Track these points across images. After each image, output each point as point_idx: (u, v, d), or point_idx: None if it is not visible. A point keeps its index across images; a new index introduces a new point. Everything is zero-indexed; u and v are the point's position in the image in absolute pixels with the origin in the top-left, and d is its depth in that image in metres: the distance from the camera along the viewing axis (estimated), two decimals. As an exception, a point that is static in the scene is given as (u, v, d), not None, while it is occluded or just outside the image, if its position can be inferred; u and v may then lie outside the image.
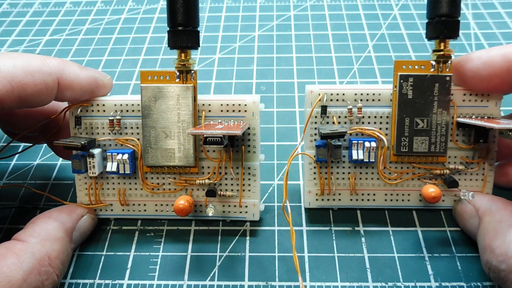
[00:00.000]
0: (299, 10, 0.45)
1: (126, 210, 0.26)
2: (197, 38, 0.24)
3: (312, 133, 0.25)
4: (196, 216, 0.26)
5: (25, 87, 0.19)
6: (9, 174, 0.30)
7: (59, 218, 0.23)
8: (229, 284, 0.23)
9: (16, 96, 0.19)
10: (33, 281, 0.20)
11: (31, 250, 0.21)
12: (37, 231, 0.22)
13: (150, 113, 0.24)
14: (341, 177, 0.26)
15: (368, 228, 0.25)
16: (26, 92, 0.19)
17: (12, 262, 0.19)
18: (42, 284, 0.20)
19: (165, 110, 0.24)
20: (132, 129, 0.25)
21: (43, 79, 0.20)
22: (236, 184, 0.25)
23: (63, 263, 0.22)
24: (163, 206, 0.26)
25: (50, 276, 0.21)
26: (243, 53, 0.40)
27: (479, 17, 0.42)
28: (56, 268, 0.21)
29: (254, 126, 0.24)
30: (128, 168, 0.24)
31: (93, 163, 0.24)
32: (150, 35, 0.42)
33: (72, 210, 0.24)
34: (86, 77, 0.23)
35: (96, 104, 0.24)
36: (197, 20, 0.24)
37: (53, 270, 0.21)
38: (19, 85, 0.19)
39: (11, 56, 0.20)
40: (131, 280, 0.24)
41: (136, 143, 0.25)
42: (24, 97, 0.19)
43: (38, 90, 0.20)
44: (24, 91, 0.19)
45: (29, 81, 0.20)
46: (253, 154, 0.25)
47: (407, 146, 0.24)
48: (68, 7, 0.47)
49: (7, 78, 0.19)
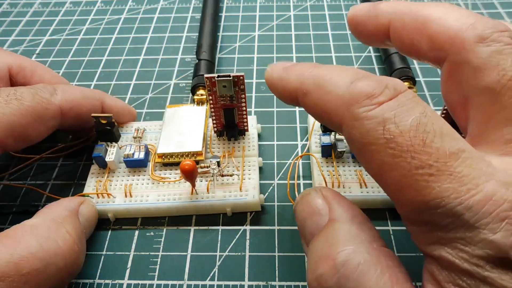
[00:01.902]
0: (299, 10, 0.45)
1: (128, 200, 0.26)
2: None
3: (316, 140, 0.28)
4: (198, 201, 0.26)
5: (81, 106, 0.27)
6: (10, 174, 0.30)
7: (60, 203, 0.24)
8: (229, 284, 0.23)
9: (74, 113, 0.26)
10: (51, 247, 0.20)
11: (44, 222, 0.21)
12: (44, 212, 0.23)
13: (169, 121, 0.29)
14: (348, 174, 0.27)
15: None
16: (82, 110, 0.27)
17: (26, 231, 0.20)
18: (61, 250, 0.20)
19: (182, 116, 0.30)
20: (151, 141, 0.30)
21: (92, 102, 0.28)
22: (237, 175, 0.27)
23: (80, 237, 0.22)
24: (165, 196, 0.26)
25: (69, 245, 0.21)
26: (243, 53, 0.40)
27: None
28: (76, 237, 0.21)
29: (253, 136, 0.29)
30: (142, 155, 0.27)
31: (112, 151, 0.27)
32: (150, 35, 0.42)
33: (69, 198, 0.25)
34: (120, 103, 0.31)
35: (127, 126, 0.31)
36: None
37: (72, 239, 0.21)
38: (77, 104, 0.26)
39: (75, 87, 0.28)
40: (131, 280, 0.24)
41: (152, 147, 0.29)
42: (80, 114, 0.27)
43: (89, 109, 0.27)
44: (81, 109, 0.27)
45: (84, 102, 0.27)
46: (252, 152, 0.28)
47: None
48: (68, 7, 0.47)
49: (69, 100, 0.26)
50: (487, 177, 0.14)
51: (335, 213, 0.18)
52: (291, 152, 0.30)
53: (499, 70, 0.16)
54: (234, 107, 0.27)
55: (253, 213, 0.27)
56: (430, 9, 0.18)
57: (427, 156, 0.14)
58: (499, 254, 0.13)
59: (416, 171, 0.14)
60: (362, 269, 0.15)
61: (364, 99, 0.16)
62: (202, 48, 0.36)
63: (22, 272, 0.18)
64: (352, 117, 0.16)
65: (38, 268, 0.19)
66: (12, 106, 0.23)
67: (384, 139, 0.15)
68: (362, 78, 0.17)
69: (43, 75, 0.29)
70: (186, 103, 0.34)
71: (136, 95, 0.35)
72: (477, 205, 0.13)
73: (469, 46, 0.17)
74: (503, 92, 0.16)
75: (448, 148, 0.14)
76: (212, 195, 0.26)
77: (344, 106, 0.16)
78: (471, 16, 0.17)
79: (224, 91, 0.25)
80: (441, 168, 0.14)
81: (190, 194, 0.26)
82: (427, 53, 0.19)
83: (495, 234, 0.13)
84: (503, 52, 0.16)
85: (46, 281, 0.19)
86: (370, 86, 0.16)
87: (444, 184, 0.14)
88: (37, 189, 0.28)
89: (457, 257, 0.14)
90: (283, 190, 0.28)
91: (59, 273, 0.20)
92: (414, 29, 0.19)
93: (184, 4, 0.47)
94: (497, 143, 0.16)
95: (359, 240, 0.16)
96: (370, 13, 0.21)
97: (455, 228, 0.14)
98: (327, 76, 0.18)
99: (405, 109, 0.15)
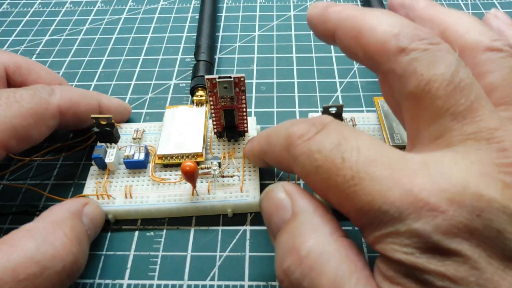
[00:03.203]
0: (299, 10, 0.45)
1: (128, 202, 0.26)
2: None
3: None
4: (199, 202, 0.26)
5: (79, 106, 0.27)
6: (10, 174, 0.30)
7: (62, 205, 0.24)
8: (229, 284, 0.23)
9: (72, 112, 0.27)
10: (48, 250, 0.20)
11: (42, 225, 0.21)
12: (44, 215, 0.23)
13: (169, 122, 0.29)
14: None
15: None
16: (79, 109, 0.27)
17: (23, 235, 0.20)
18: (58, 253, 0.20)
19: (182, 117, 0.30)
20: (151, 142, 0.30)
21: (90, 101, 0.28)
22: (237, 176, 0.27)
23: (79, 239, 0.22)
24: (166, 197, 0.26)
25: (66, 247, 0.21)
26: (243, 53, 0.40)
27: (479, 17, 0.42)
28: (74, 240, 0.21)
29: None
30: (143, 156, 0.27)
31: (112, 152, 0.27)
32: (150, 35, 0.42)
33: (73, 199, 0.25)
34: (116, 101, 0.31)
35: (126, 127, 0.31)
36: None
37: (69, 241, 0.21)
38: (75, 103, 0.27)
39: (72, 87, 0.30)
40: (131, 280, 0.24)
41: (152, 148, 0.29)
42: (78, 113, 0.27)
43: (87, 109, 0.28)
44: (78, 108, 0.27)
45: (81, 101, 0.27)
46: None
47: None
48: (68, 7, 0.47)
49: (67, 99, 0.27)
50: (405, 172, 0.15)
51: (298, 207, 0.19)
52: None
53: (417, 76, 0.17)
54: (235, 108, 0.27)
55: (253, 213, 0.27)
56: (367, 17, 0.20)
57: (348, 170, 0.16)
58: (424, 240, 0.14)
59: (343, 186, 0.16)
60: (323, 259, 0.16)
61: (297, 140, 0.18)
62: (201, 49, 0.36)
63: (19, 277, 0.18)
64: (292, 158, 0.19)
65: (35, 272, 0.19)
66: (13, 109, 0.23)
67: (314, 168, 0.17)
68: (296, 123, 0.19)
69: (39, 73, 0.30)
70: (186, 104, 0.34)
71: (136, 95, 0.35)
72: (398, 199, 0.15)
73: (393, 56, 0.18)
74: (423, 95, 0.17)
75: (365, 157, 0.16)
76: (213, 196, 0.26)
77: (285, 151, 0.19)
78: (397, 26, 0.18)
79: (224, 92, 0.25)
80: (362, 176, 0.16)
81: (191, 195, 0.26)
82: (363, 60, 0.20)
83: (417, 222, 0.14)
84: (420, 59, 0.17)
85: (44, 285, 0.19)
86: (300, 129, 0.19)
87: (368, 189, 0.15)
88: (36, 189, 0.28)
89: (391, 249, 0.15)
90: (283, 190, 0.28)
91: (57, 276, 0.20)
92: (351, 38, 0.20)
93: (184, 4, 0.47)
94: (426, 142, 0.17)
95: (321, 231, 0.17)
96: (320, 17, 0.22)
97: (385, 224, 0.15)
98: (272, 132, 0.22)
99: (327, 137, 0.17)
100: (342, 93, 0.35)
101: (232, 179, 0.27)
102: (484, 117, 0.16)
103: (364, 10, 0.20)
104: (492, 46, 0.19)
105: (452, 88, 0.16)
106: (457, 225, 0.14)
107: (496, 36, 0.20)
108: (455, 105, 0.16)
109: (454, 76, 0.17)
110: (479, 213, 0.14)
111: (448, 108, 0.16)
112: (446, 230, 0.14)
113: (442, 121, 0.17)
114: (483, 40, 0.20)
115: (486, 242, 0.14)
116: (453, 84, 0.16)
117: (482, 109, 0.16)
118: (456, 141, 0.16)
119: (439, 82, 0.17)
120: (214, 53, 0.38)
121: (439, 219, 0.14)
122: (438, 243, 0.14)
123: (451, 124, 0.16)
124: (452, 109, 0.16)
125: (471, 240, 0.14)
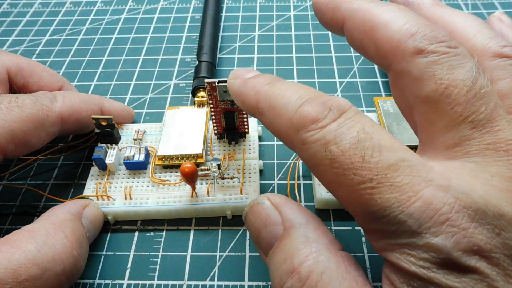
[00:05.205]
0: (299, 10, 0.45)
1: (128, 203, 0.26)
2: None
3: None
4: (198, 204, 0.26)
5: (81, 112, 0.27)
6: (10, 174, 0.30)
7: (63, 206, 0.24)
8: (229, 284, 0.23)
9: (74, 119, 0.27)
10: (48, 252, 0.20)
11: (43, 227, 0.21)
12: (45, 216, 0.23)
13: (169, 123, 0.29)
14: None
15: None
16: (81, 115, 0.27)
17: (24, 236, 0.20)
18: (59, 255, 0.20)
19: (182, 118, 0.30)
20: (151, 143, 0.29)
21: (92, 106, 0.28)
22: (237, 178, 0.27)
23: (80, 241, 0.22)
24: (165, 199, 0.26)
25: (67, 249, 0.21)
26: (243, 53, 0.40)
27: (479, 17, 0.42)
28: (74, 242, 0.21)
29: (254, 138, 0.29)
30: (143, 157, 0.27)
31: (112, 153, 0.27)
32: (150, 35, 0.42)
33: (74, 201, 0.25)
34: (118, 104, 0.31)
35: (127, 128, 0.31)
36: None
37: (70, 243, 0.21)
38: (77, 110, 0.27)
39: (74, 93, 0.29)
40: (131, 280, 0.24)
41: (153, 149, 0.29)
42: (79, 119, 0.27)
43: (88, 114, 0.27)
44: (80, 115, 0.27)
45: (83, 107, 0.27)
46: (253, 154, 0.28)
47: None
48: (68, 7, 0.47)
49: (69, 106, 0.27)
50: (427, 183, 0.15)
51: (289, 221, 0.18)
52: (291, 152, 0.30)
53: (436, 80, 0.16)
54: (235, 111, 0.27)
55: (253, 213, 0.27)
56: (381, 11, 0.19)
57: (367, 171, 0.15)
58: (442, 256, 0.14)
59: (358, 186, 0.15)
60: (325, 279, 0.16)
61: (310, 124, 0.17)
62: (203, 50, 0.36)
63: (20, 279, 0.18)
64: (300, 141, 0.17)
65: (36, 274, 0.19)
66: (14, 113, 0.23)
67: (328, 160, 0.16)
68: (309, 101, 0.17)
69: (41, 75, 0.30)
70: (186, 104, 0.34)
71: (136, 95, 0.35)
72: (418, 211, 0.14)
73: (409, 57, 0.17)
74: (441, 100, 0.16)
75: (386, 160, 0.15)
76: (213, 198, 0.26)
77: (293, 130, 0.17)
78: (415, 25, 0.18)
79: (224, 95, 0.25)
80: (381, 180, 0.15)
81: (191, 197, 0.26)
82: (374, 57, 0.19)
83: (436, 237, 0.14)
84: (439, 62, 0.17)
85: (43, 287, 0.19)
86: (315, 111, 0.17)
87: (386, 195, 0.15)
88: (36, 190, 0.28)
89: (406, 261, 0.15)
90: (284, 190, 0.28)
91: (57, 278, 0.20)
92: (362, 32, 0.19)
93: (184, 4, 0.47)
94: (440, 149, 0.17)
95: (318, 247, 0.17)
96: (328, 4, 0.21)
97: (401, 235, 0.15)
98: (278, 97, 0.18)
99: (345, 129, 0.16)
100: (342, 93, 0.35)
101: (232, 181, 0.27)
102: (503, 127, 0.16)
103: (378, 3, 0.19)
104: (501, 52, 0.19)
105: (472, 95, 0.16)
106: (478, 242, 0.14)
107: (504, 42, 0.20)
108: (475, 112, 0.16)
109: (475, 82, 0.16)
110: (499, 232, 0.14)
111: (468, 116, 0.16)
112: (466, 247, 0.14)
113: (460, 128, 0.16)
114: (492, 46, 0.19)
115: (504, 261, 0.14)
116: (474, 90, 0.16)
117: (500, 118, 0.16)
118: (475, 151, 0.16)
119: (459, 88, 0.16)
120: (216, 54, 0.38)
121: (459, 235, 0.14)
122: (457, 260, 0.14)
123: (470, 133, 0.16)
124: (471, 117, 0.16)
125: (490, 259, 0.14)
